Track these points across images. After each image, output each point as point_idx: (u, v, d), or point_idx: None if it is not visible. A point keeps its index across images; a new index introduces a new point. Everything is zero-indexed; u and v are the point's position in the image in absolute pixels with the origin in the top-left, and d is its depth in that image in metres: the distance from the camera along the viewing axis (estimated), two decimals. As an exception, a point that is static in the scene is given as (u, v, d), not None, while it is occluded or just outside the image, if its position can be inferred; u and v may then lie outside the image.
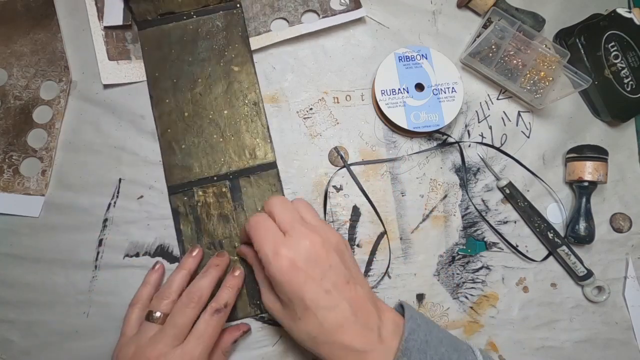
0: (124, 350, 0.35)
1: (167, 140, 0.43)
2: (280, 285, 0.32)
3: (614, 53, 0.46)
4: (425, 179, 0.45)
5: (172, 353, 0.33)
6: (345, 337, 0.31)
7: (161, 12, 0.44)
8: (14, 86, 0.43)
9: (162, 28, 0.44)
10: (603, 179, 0.44)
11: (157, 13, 0.44)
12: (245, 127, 0.43)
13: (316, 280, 0.31)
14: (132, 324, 0.37)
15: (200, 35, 0.44)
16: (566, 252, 0.44)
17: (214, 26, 0.44)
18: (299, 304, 0.32)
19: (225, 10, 0.45)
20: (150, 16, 0.44)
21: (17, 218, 0.42)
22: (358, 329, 0.32)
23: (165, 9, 0.44)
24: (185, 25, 0.44)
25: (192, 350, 0.34)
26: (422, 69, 0.45)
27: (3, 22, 0.44)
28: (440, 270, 0.44)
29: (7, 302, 0.41)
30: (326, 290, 0.32)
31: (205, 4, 0.44)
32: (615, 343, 0.45)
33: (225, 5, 0.45)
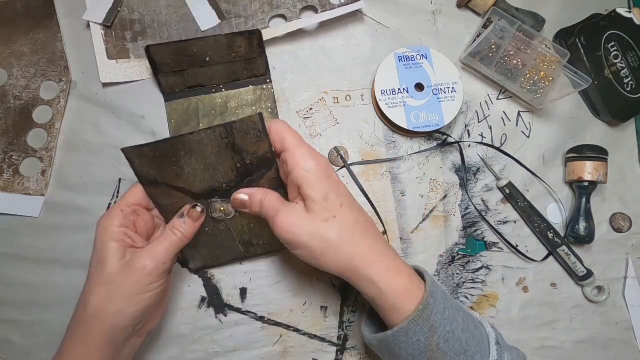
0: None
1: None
2: (317, 182, 0.32)
3: (614, 53, 0.46)
4: (425, 179, 0.45)
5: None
6: (378, 235, 0.34)
7: (190, 85, 0.43)
8: (14, 86, 0.43)
9: (190, 100, 0.43)
10: (603, 179, 0.44)
11: (186, 86, 0.43)
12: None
13: (343, 186, 0.34)
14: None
15: (230, 110, 0.44)
16: (566, 252, 0.44)
17: (244, 101, 0.44)
18: (334, 200, 0.32)
19: (255, 85, 0.44)
20: (178, 88, 0.43)
21: (17, 218, 0.42)
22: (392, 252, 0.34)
23: (194, 82, 0.43)
24: (214, 98, 0.44)
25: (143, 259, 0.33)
26: (422, 69, 0.45)
27: (3, 22, 0.44)
28: (440, 270, 0.44)
29: (7, 302, 0.41)
30: (351, 194, 0.34)
31: (235, 77, 0.44)
32: (615, 343, 0.45)
33: (256, 80, 0.44)
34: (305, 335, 0.42)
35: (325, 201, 0.32)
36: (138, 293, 0.32)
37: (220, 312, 0.42)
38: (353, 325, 0.43)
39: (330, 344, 0.42)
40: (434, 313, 0.31)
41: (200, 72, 0.42)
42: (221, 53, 0.42)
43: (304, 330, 0.42)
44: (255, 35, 0.41)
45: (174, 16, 0.45)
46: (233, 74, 0.43)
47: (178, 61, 0.41)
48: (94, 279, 0.33)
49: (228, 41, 0.41)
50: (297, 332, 0.42)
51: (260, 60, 0.43)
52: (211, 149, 0.34)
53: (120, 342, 0.33)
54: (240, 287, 0.42)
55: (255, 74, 0.44)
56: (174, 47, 0.41)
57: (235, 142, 0.34)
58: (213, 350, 0.41)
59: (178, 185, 0.35)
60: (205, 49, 0.41)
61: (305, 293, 0.43)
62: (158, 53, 0.41)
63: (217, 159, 0.34)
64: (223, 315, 0.42)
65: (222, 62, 0.42)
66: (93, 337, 0.31)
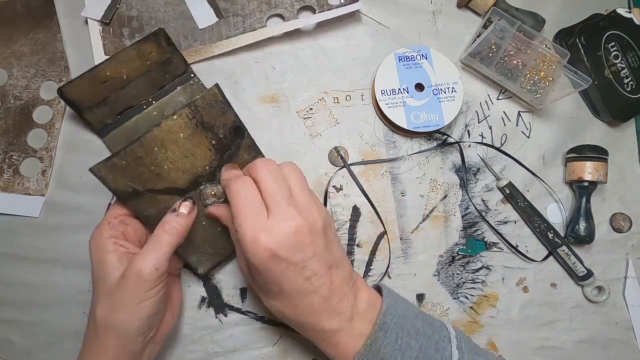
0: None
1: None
2: (257, 271, 0.31)
3: (614, 53, 0.46)
4: (425, 179, 0.45)
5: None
6: (317, 319, 0.32)
7: (119, 111, 0.41)
8: (14, 86, 0.43)
9: (125, 126, 0.41)
10: (603, 179, 0.44)
11: (115, 113, 0.41)
12: None
13: (297, 268, 0.30)
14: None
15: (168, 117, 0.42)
16: (566, 252, 0.44)
17: (177, 103, 0.42)
18: (275, 288, 0.31)
19: (181, 84, 0.42)
20: (109, 119, 0.41)
21: (17, 218, 0.42)
22: (330, 313, 0.32)
23: (122, 106, 0.40)
24: (149, 113, 0.41)
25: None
26: (422, 69, 0.45)
27: (3, 22, 0.44)
28: (440, 270, 0.44)
29: (7, 302, 0.41)
30: (306, 277, 0.31)
31: (160, 85, 0.41)
32: (615, 343, 0.45)
33: (180, 79, 0.42)
34: (305, 335, 0.42)
35: (265, 285, 0.32)
36: (138, 302, 0.31)
37: (220, 312, 0.42)
38: (353, 325, 0.43)
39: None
40: (383, 346, 0.31)
41: (123, 94, 0.40)
42: (135, 66, 0.39)
43: (304, 330, 0.42)
44: (161, 35, 0.39)
45: (172, 13, 0.45)
46: (156, 83, 0.41)
47: (96, 91, 0.39)
48: (97, 291, 0.32)
49: (137, 51, 0.39)
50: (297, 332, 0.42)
51: (176, 58, 0.41)
52: (183, 133, 0.33)
53: (134, 351, 0.32)
54: (240, 287, 0.42)
55: (177, 74, 0.42)
56: (86, 78, 0.38)
57: (203, 119, 0.33)
58: (213, 350, 0.41)
59: (162, 187, 0.34)
60: (118, 68, 0.39)
61: (305, 293, 0.43)
62: (73, 91, 0.38)
63: (192, 141, 0.33)
64: (223, 315, 0.42)
65: (140, 75, 0.40)
66: (106, 347, 0.31)
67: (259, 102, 0.45)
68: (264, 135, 0.44)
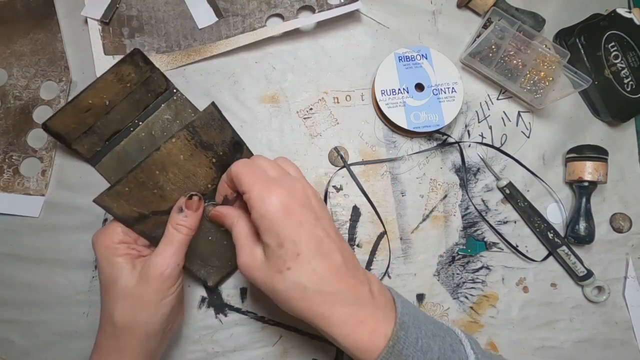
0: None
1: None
2: (272, 228, 0.29)
3: (614, 53, 0.46)
4: (425, 179, 0.45)
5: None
6: (340, 285, 0.29)
7: (107, 137, 0.41)
8: (14, 86, 0.43)
9: (115, 151, 0.41)
10: (603, 179, 0.44)
11: (104, 140, 0.41)
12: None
13: (310, 224, 0.30)
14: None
15: (157, 136, 0.42)
16: (566, 252, 0.44)
17: (164, 121, 0.42)
18: (291, 249, 0.29)
19: (165, 101, 0.42)
20: (98, 147, 0.41)
21: (17, 218, 0.42)
22: (350, 279, 0.30)
23: (108, 132, 0.41)
24: (137, 134, 0.41)
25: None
26: (422, 69, 0.45)
27: (3, 22, 0.44)
28: (440, 270, 0.44)
29: (7, 302, 0.41)
30: (319, 236, 0.30)
31: (144, 106, 0.41)
32: (615, 343, 0.45)
33: (163, 96, 0.42)
34: (306, 335, 0.42)
35: (280, 249, 0.29)
36: (161, 299, 0.32)
37: (220, 312, 0.42)
38: (353, 325, 0.43)
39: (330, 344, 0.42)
40: (405, 347, 0.29)
41: (108, 120, 0.40)
42: (116, 90, 0.39)
43: (304, 330, 0.42)
44: (137, 56, 0.39)
45: (172, 13, 0.45)
46: (139, 103, 0.41)
47: (81, 121, 0.39)
48: (111, 294, 0.32)
49: (115, 75, 0.39)
50: (297, 332, 0.42)
51: (155, 76, 0.41)
52: (183, 155, 0.33)
53: (154, 347, 0.33)
54: (240, 287, 0.42)
55: (159, 92, 0.42)
56: (69, 109, 0.38)
57: (202, 139, 0.33)
58: (213, 350, 0.41)
59: (166, 208, 0.34)
60: (99, 95, 0.39)
61: (305, 293, 0.43)
62: (58, 124, 0.38)
63: (192, 162, 0.34)
64: (223, 315, 0.42)
65: (122, 99, 0.40)
66: (127, 348, 0.32)
67: (259, 102, 0.45)
68: (264, 135, 0.44)
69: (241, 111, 0.45)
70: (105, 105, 0.39)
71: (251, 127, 0.45)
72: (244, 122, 0.45)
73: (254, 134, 0.44)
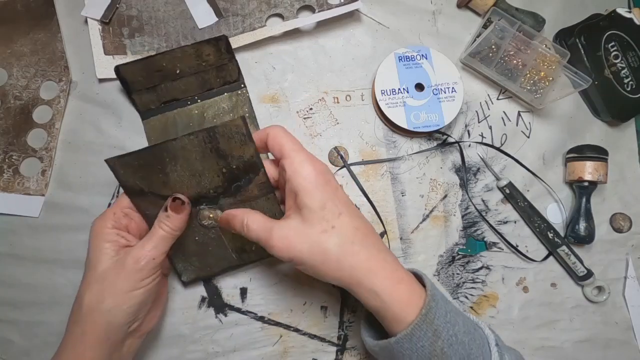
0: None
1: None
2: (315, 190, 0.31)
3: (614, 53, 0.46)
4: (425, 179, 0.45)
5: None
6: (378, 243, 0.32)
7: (165, 100, 0.43)
8: (14, 86, 0.43)
9: (166, 115, 0.43)
10: (603, 179, 0.44)
11: (160, 102, 0.43)
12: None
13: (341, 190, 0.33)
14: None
15: (207, 120, 0.43)
16: (566, 252, 0.44)
17: (220, 109, 0.43)
18: (333, 209, 0.31)
19: (229, 91, 0.44)
20: (153, 105, 0.43)
21: (17, 218, 0.42)
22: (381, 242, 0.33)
23: (168, 96, 0.42)
24: (190, 110, 0.43)
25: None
26: (422, 69, 0.45)
27: (3, 22, 0.44)
28: (440, 270, 0.44)
29: (7, 302, 0.41)
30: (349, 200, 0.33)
31: (209, 87, 0.43)
32: (615, 343, 0.45)
33: (230, 86, 0.44)
34: (305, 335, 0.42)
35: (322, 210, 0.31)
36: (130, 289, 0.32)
37: (220, 312, 0.42)
38: (353, 325, 0.43)
39: (330, 344, 0.42)
40: (436, 317, 0.30)
41: (172, 86, 0.42)
42: (191, 63, 0.41)
43: (304, 330, 0.42)
44: (222, 42, 0.41)
45: (172, 13, 0.45)
46: (206, 83, 0.43)
47: (149, 77, 0.41)
48: (87, 278, 0.33)
49: (195, 51, 0.41)
50: (297, 332, 0.42)
51: (231, 65, 0.43)
52: (195, 154, 0.33)
53: (116, 340, 0.33)
54: (240, 287, 0.42)
55: (228, 81, 0.43)
56: (142, 63, 0.40)
57: (219, 146, 0.33)
58: (213, 350, 0.41)
59: (165, 194, 0.35)
60: (174, 62, 0.41)
61: (305, 293, 0.43)
62: (128, 71, 0.40)
63: (202, 164, 0.34)
64: (223, 315, 0.42)
65: (192, 73, 0.42)
66: (89, 334, 0.32)
67: (259, 102, 0.45)
68: (264, 135, 0.44)
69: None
70: (176, 73, 0.41)
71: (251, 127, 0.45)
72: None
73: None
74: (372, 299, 0.31)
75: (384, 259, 0.32)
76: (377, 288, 0.31)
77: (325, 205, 0.31)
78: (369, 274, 0.31)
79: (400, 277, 0.32)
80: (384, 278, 0.31)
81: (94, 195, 0.42)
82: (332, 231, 0.31)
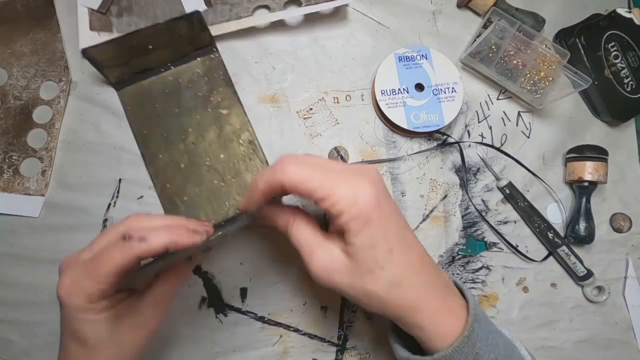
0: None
1: (167, 196, 0.42)
2: (365, 229, 0.26)
3: (614, 53, 0.46)
4: (425, 179, 0.45)
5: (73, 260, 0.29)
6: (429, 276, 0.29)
7: (137, 71, 0.43)
8: (14, 86, 0.43)
9: (141, 84, 0.43)
10: (603, 179, 0.44)
11: (134, 72, 0.43)
12: (245, 166, 0.43)
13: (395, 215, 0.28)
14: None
15: (182, 85, 0.43)
16: (566, 252, 0.44)
17: (194, 74, 0.43)
18: (383, 247, 0.27)
19: (202, 56, 0.44)
20: (126, 76, 0.43)
21: (17, 218, 0.42)
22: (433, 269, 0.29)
23: (140, 67, 0.42)
24: (164, 77, 0.43)
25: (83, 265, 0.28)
26: (422, 69, 0.45)
27: (3, 22, 0.44)
28: (440, 270, 0.44)
29: (7, 302, 0.41)
30: (402, 227, 0.28)
31: (181, 53, 0.43)
32: (615, 343, 0.45)
33: (202, 51, 0.44)
34: (305, 335, 0.42)
35: (372, 249, 0.27)
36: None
37: (220, 312, 0.42)
38: (353, 325, 0.43)
39: (330, 344, 0.42)
40: (479, 340, 0.28)
41: (145, 59, 0.42)
42: (163, 40, 0.41)
43: (304, 330, 0.42)
44: (196, 17, 0.40)
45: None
46: (178, 51, 0.43)
47: (120, 55, 0.41)
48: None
49: (168, 28, 0.40)
50: (297, 332, 0.42)
51: (203, 35, 0.42)
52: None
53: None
54: (240, 287, 0.42)
55: (200, 46, 0.43)
56: (113, 44, 0.39)
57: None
58: (213, 350, 0.41)
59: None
60: (146, 39, 0.40)
61: (305, 293, 0.43)
62: (97, 53, 0.39)
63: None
64: (223, 315, 0.42)
65: (165, 47, 0.42)
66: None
67: (259, 102, 0.45)
68: (264, 136, 0.44)
69: (241, 111, 0.45)
70: (148, 49, 0.41)
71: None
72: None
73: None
74: (415, 330, 0.29)
75: (433, 292, 0.28)
76: (422, 323, 0.28)
77: (375, 244, 0.27)
78: (413, 312, 0.28)
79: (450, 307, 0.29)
80: (429, 314, 0.28)
81: (94, 195, 0.42)
82: (380, 272, 0.27)
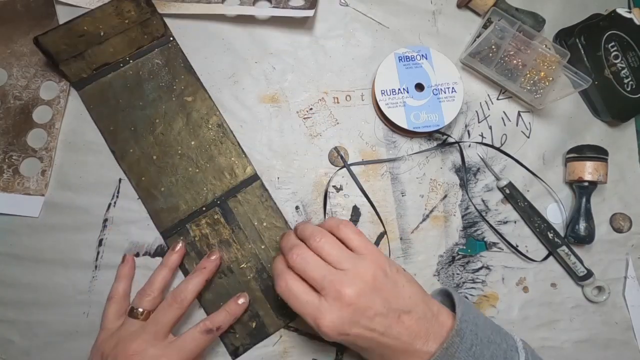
0: (106, 344, 0.35)
1: (144, 188, 0.42)
2: (339, 341, 0.32)
3: (614, 53, 0.46)
4: (425, 179, 0.45)
5: (150, 350, 0.34)
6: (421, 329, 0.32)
7: (95, 67, 0.42)
8: (14, 86, 0.43)
9: (101, 82, 0.43)
10: (603, 179, 0.44)
11: (92, 68, 0.42)
12: (217, 150, 0.43)
13: (367, 329, 0.31)
14: (111, 318, 0.38)
15: (143, 78, 0.43)
16: (566, 252, 0.44)
17: (154, 65, 0.44)
18: (359, 347, 0.33)
19: (160, 47, 0.44)
20: (85, 74, 0.43)
21: (17, 218, 0.42)
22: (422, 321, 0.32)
23: (98, 62, 0.42)
24: (124, 72, 0.43)
25: (169, 355, 0.34)
26: (422, 69, 0.45)
27: (3, 22, 0.44)
28: (440, 270, 0.44)
29: (7, 302, 0.41)
30: (380, 333, 0.31)
31: (138, 46, 0.43)
32: (615, 343, 0.45)
33: (159, 42, 0.44)
34: (305, 335, 0.42)
35: (351, 347, 0.34)
36: None
37: (220, 312, 0.42)
38: (353, 325, 0.43)
39: (331, 344, 0.42)
40: (458, 350, 0.30)
41: (100, 50, 0.42)
42: (113, 23, 0.41)
43: (304, 330, 0.42)
44: None
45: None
46: (134, 43, 0.43)
47: (73, 44, 0.40)
48: None
49: (115, 9, 0.40)
50: (297, 332, 0.42)
51: (155, 20, 0.43)
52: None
53: None
54: (240, 287, 0.42)
55: (156, 37, 0.44)
56: (63, 30, 0.39)
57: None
58: (213, 350, 0.41)
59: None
60: (95, 23, 0.40)
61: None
62: (49, 41, 0.39)
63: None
64: (223, 315, 0.42)
65: (117, 33, 0.42)
66: None
67: (259, 102, 0.45)
68: (264, 135, 0.44)
69: (241, 111, 0.45)
70: (100, 35, 0.41)
71: (251, 127, 0.45)
72: (244, 122, 0.45)
73: (254, 134, 0.44)
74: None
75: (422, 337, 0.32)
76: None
77: (350, 345, 0.33)
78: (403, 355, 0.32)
79: (427, 334, 0.32)
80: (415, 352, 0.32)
81: (94, 195, 0.42)
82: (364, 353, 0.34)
